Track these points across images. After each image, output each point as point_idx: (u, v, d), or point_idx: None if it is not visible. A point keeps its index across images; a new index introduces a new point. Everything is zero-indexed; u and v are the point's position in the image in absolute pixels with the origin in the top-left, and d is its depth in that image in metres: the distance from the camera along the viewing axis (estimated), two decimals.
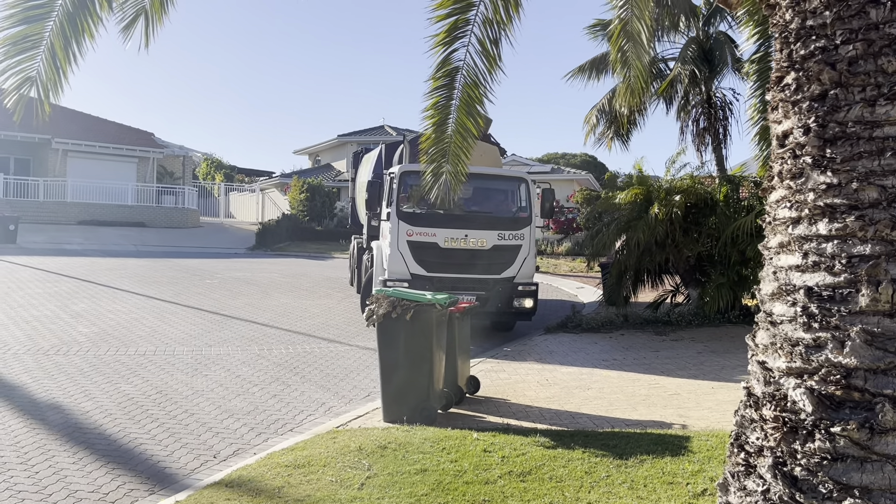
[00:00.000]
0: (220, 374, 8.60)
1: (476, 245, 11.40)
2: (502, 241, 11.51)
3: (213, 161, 57.64)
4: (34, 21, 5.36)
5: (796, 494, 2.71)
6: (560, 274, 23.98)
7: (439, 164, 6.87)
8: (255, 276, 19.35)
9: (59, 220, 31.59)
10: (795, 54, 3.05)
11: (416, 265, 11.29)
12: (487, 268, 11.36)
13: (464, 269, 11.28)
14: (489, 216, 12.03)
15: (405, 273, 11.26)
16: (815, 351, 2.80)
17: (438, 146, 6.76)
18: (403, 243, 11.35)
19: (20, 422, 6.46)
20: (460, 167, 6.93)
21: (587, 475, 4.98)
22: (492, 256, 11.44)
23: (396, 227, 11.40)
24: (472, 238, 11.40)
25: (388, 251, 11.48)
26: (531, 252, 11.75)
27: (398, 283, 10.84)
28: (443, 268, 11.30)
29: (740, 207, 12.73)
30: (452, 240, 11.36)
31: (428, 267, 11.29)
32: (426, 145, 6.82)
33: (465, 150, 6.80)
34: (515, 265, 11.52)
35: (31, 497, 4.85)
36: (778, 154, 3.13)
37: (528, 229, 11.75)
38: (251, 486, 4.81)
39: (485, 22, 6.01)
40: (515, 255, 11.54)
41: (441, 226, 11.43)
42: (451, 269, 11.28)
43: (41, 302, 13.16)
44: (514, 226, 11.70)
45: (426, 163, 7.00)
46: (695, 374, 8.88)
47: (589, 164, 51.11)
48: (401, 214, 11.47)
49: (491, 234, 11.48)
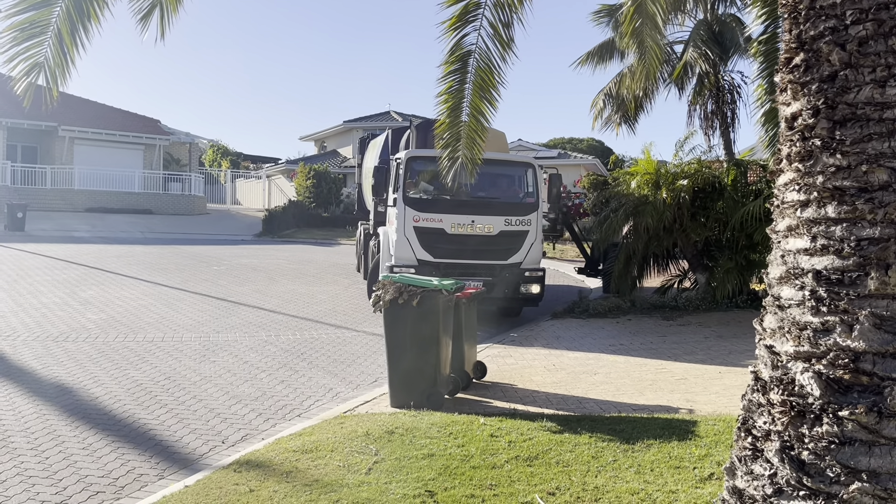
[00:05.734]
0: (227, 360, 8.64)
1: (483, 231, 11.36)
2: (509, 227, 11.46)
3: (219, 148, 57.64)
4: (41, 7, 5.35)
5: (804, 478, 2.71)
6: (567, 259, 23.94)
7: (455, 149, 6.88)
8: (262, 263, 19.39)
9: (66, 208, 31.68)
10: (804, 35, 3.02)
11: (422, 251, 11.26)
12: (494, 254, 11.32)
13: (470, 255, 11.25)
14: (496, 202, 11.96)
15: (412, 259, 11.24)
16: (824, 335, 2.78)
17: (453, 130, 6.76)
18: (410, 229, 11.32)
19: (30, 407, 6.51)
20: (476, 151, 6.94)
21: (594, 459, 4.98)
22: (499, 242, 11.39)
23: (403, 213, 11.35)
24: (478, 224, 11.35)
25: (394, 237, 11.47)
26: (538, 238, 11.69)
27: (405, 269, 10.83)
28: (449, 254, 11.28)
29: (748, 191, 12.64)
30: (459, 226, 11.31)
31: (434, 253, 11.26)
32: (441, 130, 6.83)
33: (479, 133, 6.81)
34: (522, 251, 11.48)
35: (41, 482, 4.89)
36: (787, 136, 3.09)
37: (535, 215, 11.67)
38: (259, 471, 4.83)
39: (496, 5, 6.00)
40: (522, 241, 11.50)
41: (448, 212, 11.39)
42: (457, 255, 11.25)
43: (50, 289, 13.23)
44: (521, 211, 11.63)
45: (441, 147, 7.00)
46: (702, 359, 8.87)
47: (596, 148, 50.89)
48: (407, 200, 11.42)
49: (498, 220, 11.42)
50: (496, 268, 11.27)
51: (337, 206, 35.70)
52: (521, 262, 11.44)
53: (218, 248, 23.41)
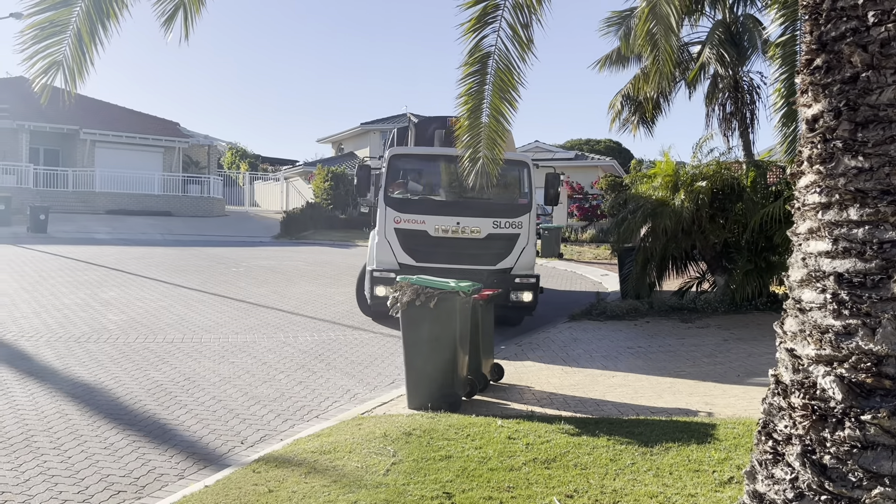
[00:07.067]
0: (246, 361, 8.70)
1: (469, 233, 10.64)
2: (498, 230, 10.71)
3: (237, 150, 58.04)
4: (61, 6, 5.43)
5: (825, 483, 2.68)
6: (584, 261, 23.88)
7: (476, 150, 6.90)
8: (281, 265, 19.50)
9: (87, 210, 32.08)
10: (825, 36, 2.99)
11: (404, 254, 10.61)
12: (482, 258, 10.53)
13: (455, 260, 10.36)
14: (484, 202, 11.07)
15: (393, 263, 10.59)
16: (845, 338, 2.76)
17: (473, 132, 6.79)
18: (391, 231, 10.69)
19: (53, 407, 6.60)
20: (497, 151, 6.95)
21: (612, 462, 4.97)
22: (486, 246, 10.67)
23: (384, 214, 10.74)
24: (464, 226, 10.63)
25: (376, 239, 10.89)
26: (530, 241, 10.91)
27: (385, 274, 10.36)
28: (433, 257, 10.46)
29: (768, 193, 12.54)
30: (443, 228, 10.63)
31: (417, 256, 10.57)
32: (461, 132, 6.87)
33: (500, 134, 6.83)
34: (513, 255, 10.71)
35: (64, 481, 4.96)
36: (807, 138, 3.07)
37: (528, 217, 10.88)
38: (278, 472, 4.87)
39: (515, 7, 6.03)
40: (513, 245, 10.73)
41: (431, 213, 10.75)
42: (441, 259, 10.39)
43: (72, 290, 13.40)
44: (512, 213, 10.85)
45: (462, 148, 7.02)
46: (721, 362, 8.81)
47: (613, 150, 50.66)
48: (388, 200, 10.80)
49: (486, 222, 10.69)
50: (484, 273, 10.23)
51: (354, 208, 35.80)
52: (512, 267, 10.65)
53: (236, 250, 23.59)
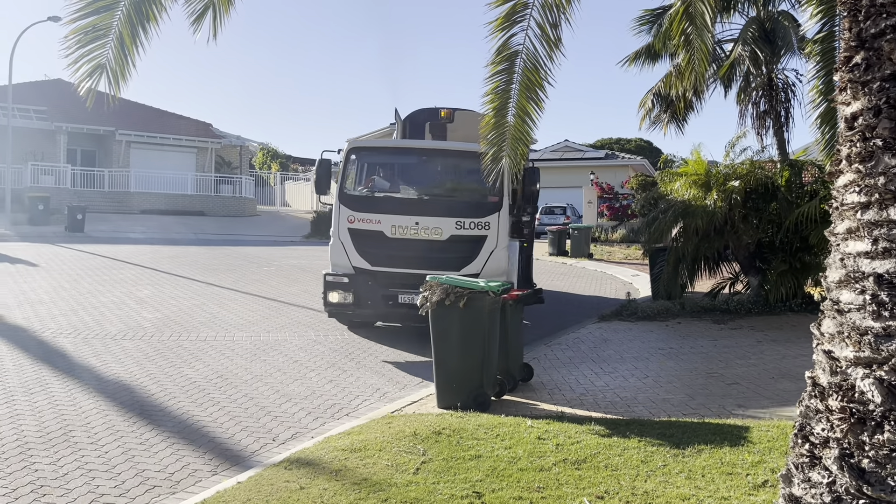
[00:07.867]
0: (278, 359, 8.79)
1: (428, 235, 9.71)
2: (461, 231, 9.73)
3: (268, 150, 58.62)
4: (103, 11, 5.55)
5: (864, 487, 2.64)
6: (614, 261, 23.70)
7: (500, 148, 6.87)
8: (311, 264, 19.65)
9: (122, 210, 32.66)
10: (865, 33, 2.94)
11: (358, 257, 9.78)
12: (443, 262, 9.39)
13: (414, 264, 9.35)
14: (447, 201, 10.21)
15: (347, 266, 9.81)
16: (885, 340, 2.71)
17: (498, 130, 6.76)
18: (345, 231, 9.87)
19: (91, 403, 6.73)
20: (521, 151, 6.92)
21: (643, 464, 4.93)
22: (448, 249, 9.71)
23: (338, 213, 9.92)
24: (423, 226, 9.70)
25: (331, 240, 10.15)
26: (500, 244, 9.76)
27: (339, 279, 9.73)
28: (389, 261, 9.69)
29: (803, 193, 12.32)
30: (400, 228, 9.72)
31: (371, 259, 9.74)
32: (485, 130, 6.84)
33: (525, 134, 6.79)
34: (479, 260, 9.66)
35: (101, 475, 5.06)
36: (846, 136, 3.02)
37: (497, 217, 9.79)
38: (309, 469, 4.91)
39: (544, 6, 6.01)
40: (479, 248, 9.71)
41: (388, 211, 9.87)
42: (399, 263, 9.60)
43: (108, 288, 13.66)
44: (477, 212, 9.82)
45: (486, 146, 6.99)
46: (754, 363, 8.68)
47: (644, 149, 50.26)
48: (343, 198, 9.98)
49: (447, 222, 9.72)
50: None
51: None
52: (479, 273, 9.45)
53: (268, 249, 23.84)
